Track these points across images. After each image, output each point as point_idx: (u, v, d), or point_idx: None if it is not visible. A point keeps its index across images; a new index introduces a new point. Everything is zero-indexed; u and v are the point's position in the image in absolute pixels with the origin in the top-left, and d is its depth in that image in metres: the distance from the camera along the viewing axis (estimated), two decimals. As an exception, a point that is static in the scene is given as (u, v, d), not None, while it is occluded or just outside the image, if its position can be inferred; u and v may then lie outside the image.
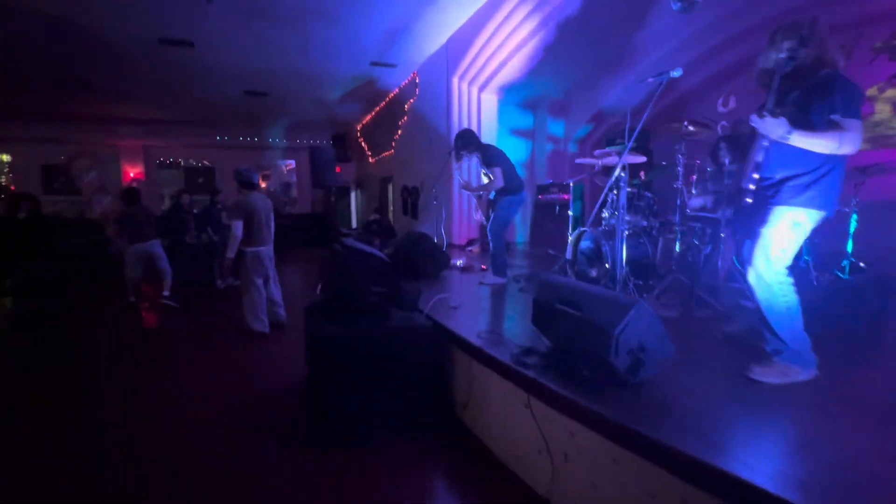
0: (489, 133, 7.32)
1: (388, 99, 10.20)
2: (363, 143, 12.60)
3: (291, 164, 15.58)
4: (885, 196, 4.35)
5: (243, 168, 4.07)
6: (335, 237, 10.14)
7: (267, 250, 4.08)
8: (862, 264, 3.22)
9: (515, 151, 8.02)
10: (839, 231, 3.43)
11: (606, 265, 3.46)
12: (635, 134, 2.47)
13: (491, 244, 4.04)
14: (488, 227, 4.05)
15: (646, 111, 2.50)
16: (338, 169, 12.12)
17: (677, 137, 3.54)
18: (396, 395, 2.38)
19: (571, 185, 6.17)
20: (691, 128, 3.35)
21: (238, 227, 3.87)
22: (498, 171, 3.93)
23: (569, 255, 3.99)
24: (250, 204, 3.94)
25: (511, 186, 4.00)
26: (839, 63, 1.87)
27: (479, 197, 4.84)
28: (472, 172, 6.89)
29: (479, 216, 4.91)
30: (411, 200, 9.65)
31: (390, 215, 11.40)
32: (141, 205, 5.61)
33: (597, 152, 3.78)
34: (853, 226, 3.29)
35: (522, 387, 2.15)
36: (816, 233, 2.04)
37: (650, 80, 2.41)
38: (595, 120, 7.60)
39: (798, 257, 3.06)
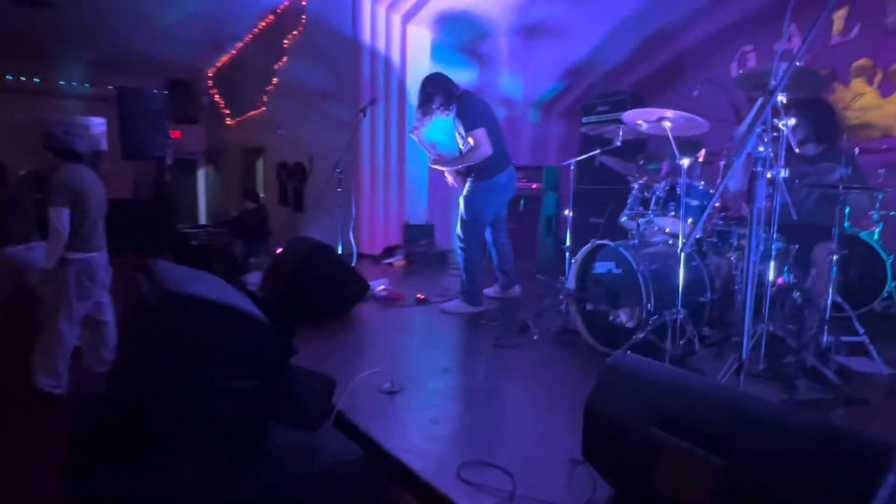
0: (419, 84, 6.42)
1: (257, 29, 9.32)
2: (217, 97, 11.63)
3: (101, 122, 13.37)
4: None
5: (59, 128, 3.61)
6: (168, 240, 8.53)
7: (101, 258, 3.66)
8: None
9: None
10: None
11: (649, 306, 2.67)
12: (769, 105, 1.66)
13: (459, 253, 3.74)
14: (458, 225, 3.71)
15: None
16: (175, 133, 10.80)
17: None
18: None
19: (544, 170, 5.46)
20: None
21: (63, 217, 3.34)
22: (481, 132, 3.52)
23: (570, 282, 3.18)
24: (79, 184, 3.49)
25: (491, 162, 3.62)
26: None
27: (458, 175, 4.05)
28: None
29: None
30: (293, 184, 8.66)
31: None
32: None
33: (627, 115, 2.98)
34: None
35: None
36: None
37: None
38: (568, 77, 7.10)
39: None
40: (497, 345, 3.12)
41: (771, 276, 2.48)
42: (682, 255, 2.64)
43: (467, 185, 3.84)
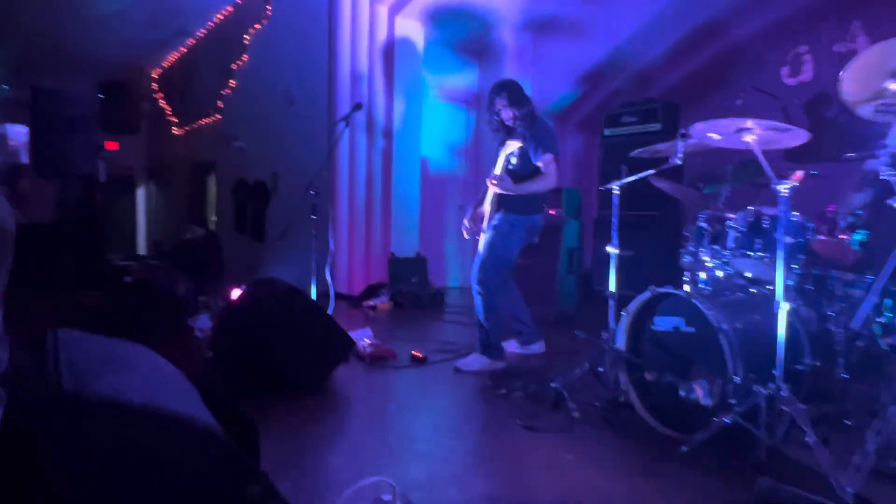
0: (409, 95, 6.34)
1: (212, 23, 9.13)
2: (163, 103, 11.41)
3: (22, 131, 12.97)
4: None
5: None
6: (97, 276, 8.03)
7: None
8: None
9: (448, 127, 7.02)
10: None
11: (736, 378, 2.28)
12: None
13: (478, 298, 3.60)
14: (478, 265, 3.62)
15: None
16: (110, 145, 10.55)
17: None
18: None
19: (564, 192, 5.14)
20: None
21: None
22: (551, 160, 3.54)
23: (620, 342, 2.79)
24: None
25: (535, 198, 3.68)
26: None
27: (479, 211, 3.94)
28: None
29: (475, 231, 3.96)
30: (253, 208, 8.27)
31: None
32: None
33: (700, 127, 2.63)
34: None
35: None
36: None
37: None
38: (586, 82, 6.88)
39: None
40: (527, 426, 2.70)
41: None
42: (782, 310, 2.26)
43: (500, 217, 3.65)
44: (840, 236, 2.83)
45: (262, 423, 2.70)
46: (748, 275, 2.78)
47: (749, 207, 2.68)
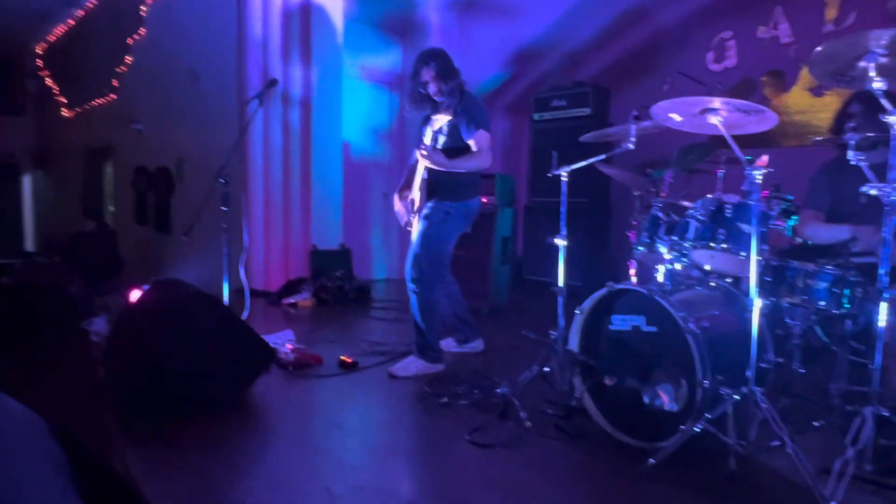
0: (327, 73, 5.90)
1: None
2: (50, 81, 10.61)
3: None
4: None
5: None
6: None
7: None
8: None
9: (370, 110, 6.65)
10: None
11: (705, 382, 2.09)
12: None
13: (413, 296, 3.32)
14: (410, 260, 3.33)
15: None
16: None
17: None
18: None
19: (497, 179, 4.89)
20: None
21: None
22: (486, 137, 3.23)
23: (573, 343, 2.56)
24: None
25: (471, 182, 3.40)
26: None
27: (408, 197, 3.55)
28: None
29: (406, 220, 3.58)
30: (155, 197, 7.75)
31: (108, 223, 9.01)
32: None
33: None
34: None
35: None
36: None
37: None
38: (515, 64, 6.71)
39: None
40: (474, 441, 2.41)
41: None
42: (756, 307, 2.08)
43: (432, 205, 3.31)
44: (776, 223, 2.72)
45: (166, 451, 2.32)
46: (707, 267, 2.60)
47: (709, 195, 2.49)
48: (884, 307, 1.99)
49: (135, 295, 3.50)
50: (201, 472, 2.13)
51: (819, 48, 2.04)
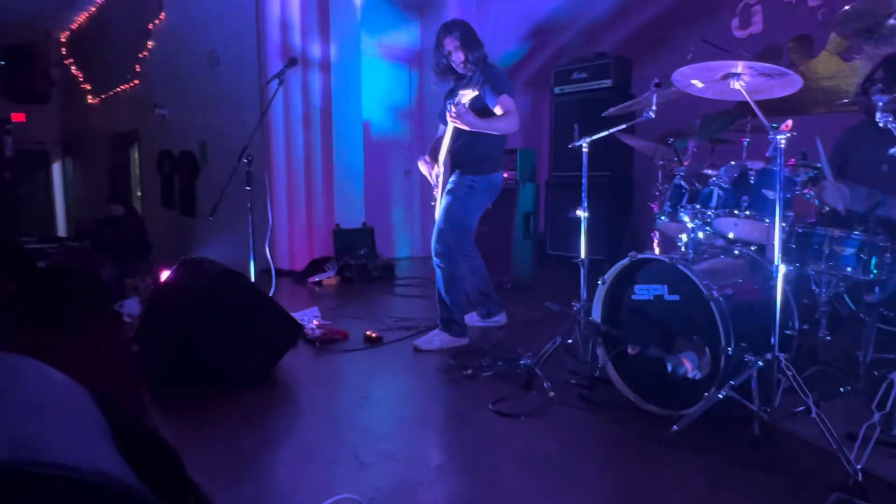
0: (346, 52, 5.91)
1: None
2: (74, 69, 10.75)
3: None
4: None
5: None
6: (7, 262, 7.35)
7: None
8: None
9: (390, 88, 6.64)
10: None
11: (728, 349, 2.09)
12: None
13: (438, 270, 3.31)
14: (436, 234, 3.31)
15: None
16: (17, 116, 10.19)
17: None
18: None
19: (518, 154, 4.87)
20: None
21: None
22: (510, 101, 3.17)
23: (596, 314, 2.56)
24: None
25: (496, 156, 3.38)
26: None
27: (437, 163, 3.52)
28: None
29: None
30: (181, 181, 7.82)
31: (135, 208, 9.13)
32: None
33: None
34: None
35: None
36: None
37: None
38: (534, 37, 6.63)
39: None
40: (498, 411, 2.45)
41: None
42: (780, 273, 2.07)
43: (455, 179, 3.32)
44: (802, 191, 2.68)
45: (199, 424, 2.40)
46: (730, 235, 2.58)
47: (732, 162, 2.46)
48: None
49: (165, 275, 3.60)
50: (234, 443, 2.20)
51: (847, 6, 2.00)
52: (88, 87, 10.39)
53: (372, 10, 6.28)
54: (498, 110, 3.16)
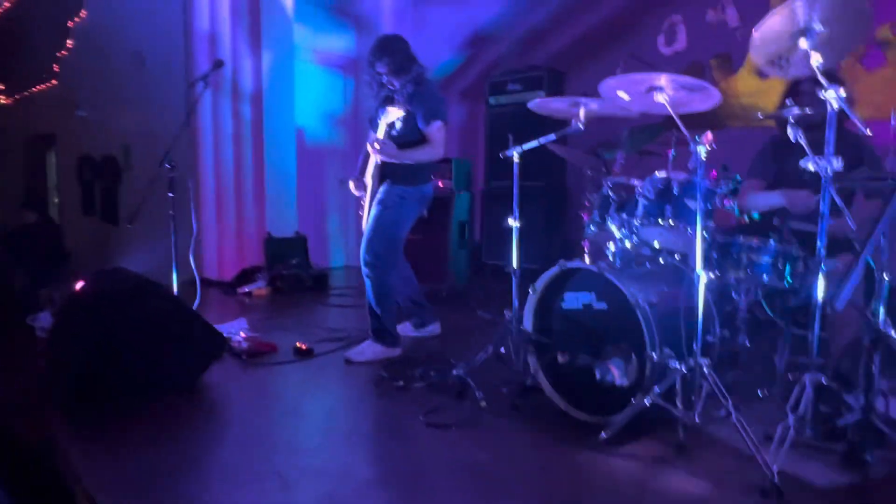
0: (278, 57, 5.80)
1: None
2: None
3: None
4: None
5: None
6: None
7: None
8: None
9: (324, 95, 6.55)
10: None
11: (654, 355, 2.13)
12: None
13: (368, 280, 3.30)
14: (365, 244, 3.29)
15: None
16: None
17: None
18: None
19: (454, 163, 4.89)
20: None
21: None
22: (440, 127, 3.23)
23: (527, 322, 2.58)
24: None
25: (422, 167, 3.36)
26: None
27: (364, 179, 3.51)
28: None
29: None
30: (102, 186, 7.53)
31: (53, 215, 8.73)
32: None
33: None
34: None
35: None
36: None
37: None
38: (469, 48, 6.71)
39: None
40: (430, 422, 2.41)
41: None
42: (701, 281, 2.13)
43: (386, 189, 3.29)
44: (725, 202, 2.79)
45: (113, 444, 2.25)
46: (655, 244, 2.64)
47: (656, 174, 2.53)
48: (821, 280, 2.05)
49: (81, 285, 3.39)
50: (151, 463, 2.07)
51: (757, 30, 2.08)
52: (1, 87, 9.79)
53: (306, 15, 6.18)
54: (427, 135, 3.20)
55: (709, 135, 2.38)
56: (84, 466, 2.06)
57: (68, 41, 7.76)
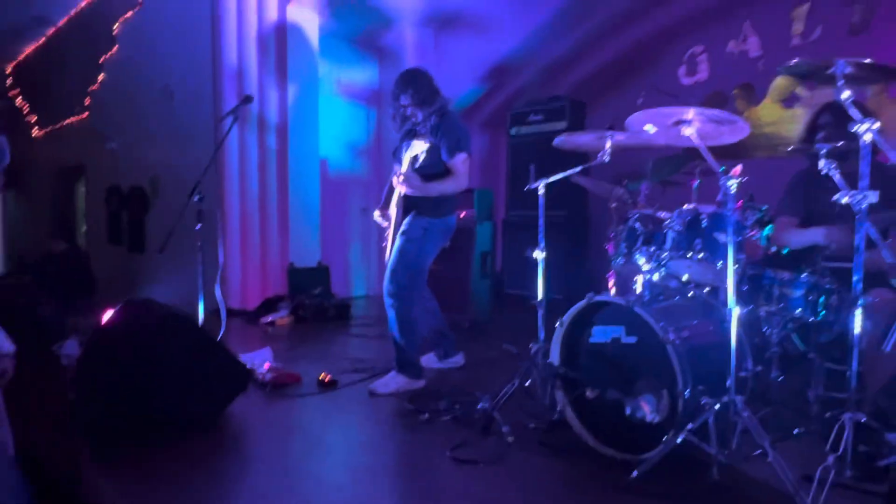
0: (304, 90, 5.92)
1: (76, 9, 8.36)
2: (20, 100, 10.57)
3: None
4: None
5: None
6: None
7: None
8: None
9: (347, 126, 6.65)
10: None
11: (686, 392, 2.08)
12: None
13: (391, 311, 3.28)
14: (388, 275, 3.29)
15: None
16: None
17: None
18: None
19: (476, 193, 4.89)
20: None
21: None
22: (464, 160, 3.24)
23: (554, 356, 2.55)
24: None
25: (447, 199, 3.36)
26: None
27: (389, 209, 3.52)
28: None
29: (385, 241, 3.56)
30: (129, 217, 7.60)
31: (80, 244, 9.01)
32: None
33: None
34: None
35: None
36: None
37: None
38: (490, 79, 6.75)
39: None
40: (457, 457, 2.38)
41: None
42: (734, 316, 2.09)
43: (411, 220, 3.29)
44: (750, 233, 2.76)
45: (141, 476, 2.25)
46: (684, 278, 2.61)
47: (685, 206, 2.51)
48: (858, 314, 2.01)
49: (107, 316, 3.43)
50: (178, 498, 2.07)
51: (787, 64, 2.07)
52: (34, 120, 10.09)
53: (330, 48, 6.31)
54: (451, 167, 3.22)
55: (738, 168, 2.37)
56: (109, 497, 2.06)
57: (100, 76, 7.98)
